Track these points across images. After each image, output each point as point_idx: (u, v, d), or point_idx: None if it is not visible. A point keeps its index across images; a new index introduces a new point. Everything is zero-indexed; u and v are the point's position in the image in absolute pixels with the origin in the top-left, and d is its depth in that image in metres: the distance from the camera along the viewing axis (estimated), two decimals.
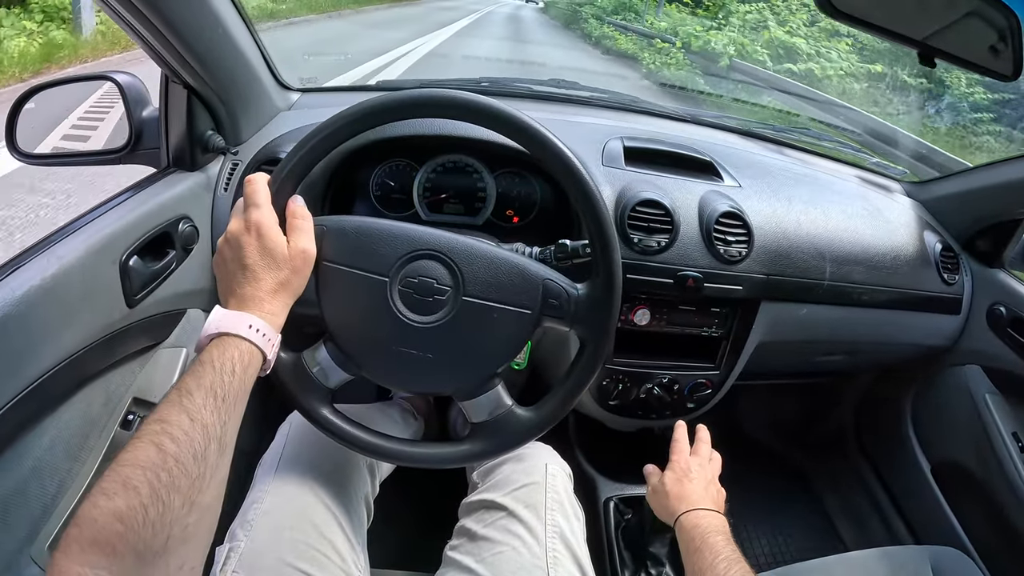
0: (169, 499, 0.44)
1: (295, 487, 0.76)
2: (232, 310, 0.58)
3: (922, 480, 1.32)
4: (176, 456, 0.46)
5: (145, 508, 0.42)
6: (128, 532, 0.41)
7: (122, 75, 0.92)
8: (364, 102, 0.66)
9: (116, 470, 0.44)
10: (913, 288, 1.13)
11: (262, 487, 0.77)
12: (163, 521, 0.43)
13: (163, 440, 0.46)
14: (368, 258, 0.67)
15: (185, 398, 0.50)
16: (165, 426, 0.47)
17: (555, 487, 0.83)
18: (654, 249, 0.94)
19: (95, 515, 0.42)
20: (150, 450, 0.45)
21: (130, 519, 0.42)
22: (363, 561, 0.78)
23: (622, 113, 1.27)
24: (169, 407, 0.49)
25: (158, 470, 0.44)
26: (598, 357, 0.69)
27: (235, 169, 0.96)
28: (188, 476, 0.46)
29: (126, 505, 0.42)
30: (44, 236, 0.74)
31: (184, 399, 0.50)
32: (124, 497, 0.42)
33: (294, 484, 0.76)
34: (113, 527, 0.41)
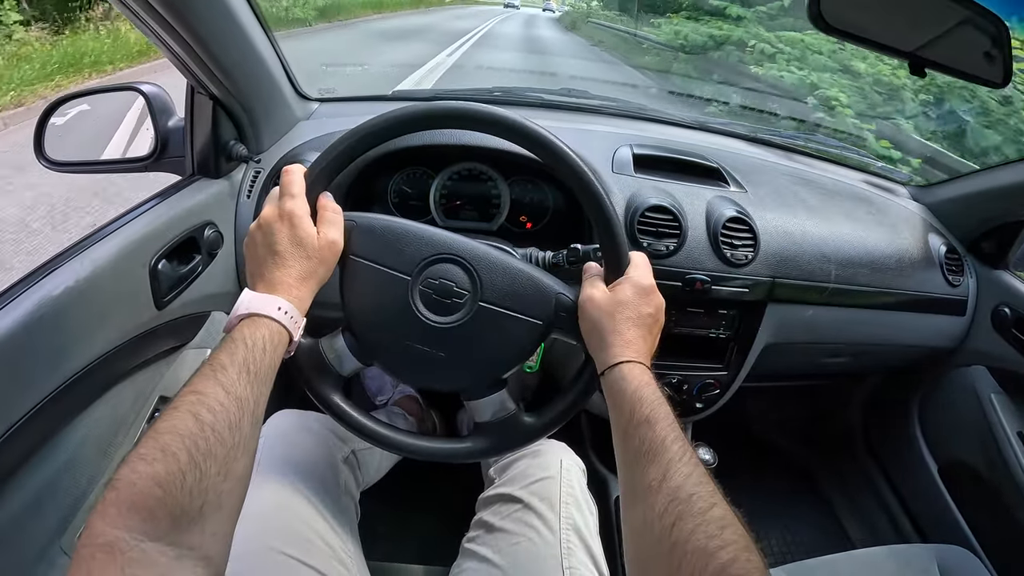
0: (206, 466, 0.45)
1: (277, 483, 0.78)
2: (261, 292, 0.61)
3: (929, 480, 1.33)
4: (212, 426, 0.47)
5: (183, 474, 0.44)
6: (167, 497, 0.42)
7: (147, 86, 0.95)
8: (400, 109, 0.69)
9: (155, 437, 0.45)
10: (918, 290, 1.14)
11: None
12: (200, 488, 0.44)
13: (200, 410, 0.47)
14: (393, 256, 0.70)
15: (219, 372, 0.51)
16: (201, 397, 0.49)
17: (570, 482, 0.85)
18: (663, 253, 0.96)
19: (134, 479, 0.42)
20: (188, 419, 0.47)
21: (169, 484, 0.43)
22: (352, 549, 0.79)
23: (631, 121, 1.29)
24: (204, 380, 0.50)
25: (196, 438, 0.46)
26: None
27: (257, 176, 1.00)
28: (224, 445, 0.47)
29: (165, 471, 0.43)
30: (77, 240, 0.77)
31: (219, 373, 0.51)
32: (163, 463, 0.43)
33: (277, 479, 0.78)
34: (152, 492, 0.42)
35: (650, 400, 0.58)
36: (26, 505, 0.68)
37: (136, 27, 0.78)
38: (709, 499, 0.49)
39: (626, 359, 0.62)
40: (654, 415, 0.57)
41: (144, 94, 0.94)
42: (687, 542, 0.47)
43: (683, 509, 0.49)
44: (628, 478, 0.56)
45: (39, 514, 0.70)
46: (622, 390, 0.60)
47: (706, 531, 0.47)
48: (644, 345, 0.65)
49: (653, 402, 0.58)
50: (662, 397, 0.59)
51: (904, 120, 3.48)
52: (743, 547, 0.46)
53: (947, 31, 0.75)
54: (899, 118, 3.57)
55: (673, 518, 0.49)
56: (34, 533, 0.69)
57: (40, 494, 0.70)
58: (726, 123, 1.34)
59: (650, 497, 0.52)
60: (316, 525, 0.75)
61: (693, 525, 0.47)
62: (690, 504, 0.49)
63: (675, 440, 0.55)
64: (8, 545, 0.65)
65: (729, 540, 0.46)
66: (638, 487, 0.54)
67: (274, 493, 0.76)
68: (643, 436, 0.56)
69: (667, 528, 0.48)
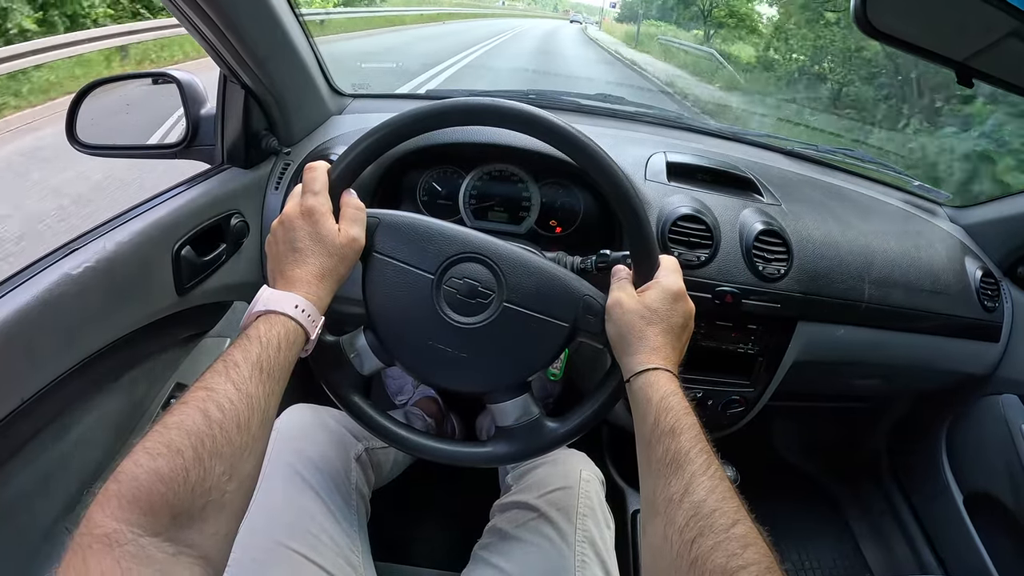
0: (211, 465, 0.44)
1: (288, 476, 0.77)
2: (280, 290, 0.60)
3: (953, 510, 1.29)
4: (221, 424, 0.46)
5: (187, 471, 0.43)
6: (168, 493, 0.42)
7: (182, 73, 0.95)
8: (425, 105, 0.68)
9: (161, 432, 0.44)
10: (952, 314, 1.11)
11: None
12: (203, 486, 0.44)
13: (209, 407, 0.47)
14: (417, 254, 0.68)
15: (232, 369, 0.50)
16: (212, 394, 0.48)
17: (588, 493, 0.83)
18: (694, 264, 0.94)
19: (137, 473, 0.42)
20: (196, 416, 0.46)
21: (172, 481, 0.42)
22: (360, 549, 0.78)
23: (666, 129, 1.27)
24: (216, 376, 0.50)
25: (203, 436, 0.45)
26: None
27: (286, 169, 0.99)
28: (231, 444, 0.46)
29: (169, 467, 0.42)
30: (102, 221, 0.77)
31: (231, 370, 0.50)
32: (168, 459, 0.43)
33: (288, 473, 0.77)
34: (154, 487, 0.41)
35: (676, 410, 0.56)
36: (35, 483, 0.67)
37: (171, 13, 0.78)
38: (733, 515, 0.48)
39: (653, 366, 0.61)
40: (679, 425, 0.55)
41: (177, 81, 0.94)
42: (707, 559, 0.45)
43: (705, 525, 0.47)
44: (649, 489, 0.55)
45: (47, 492, 0.70)
46: (647, 398, 0.59)
47: (727, 549, 0.45)
48: (672, 352, 0.64)
49: (679, 412, 0.56)
50: (688, 407, 0.57)
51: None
52: (765, 568, 0.44)
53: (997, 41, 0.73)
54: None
55: (694, 533, 0.47)
56: (41, 511, 0.69)
57: (49, 472, 0.69)
58: (762, 135, 1.32)
59: (671, 510, 0.50)
60: (325, 522, 0.74)
61: (714, 542, 0.46)
62: (712, 520, 0.47)
63: (700, 452, 0.53)
64: (14, 521, 0.65)
65: (751, 560, 0.44)
66: (659, 499, 0.52)
67: (284, 487, 0.76)
68: (667, 446, 0.54)
69: (687, 543, 0.47)
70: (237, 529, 0.49)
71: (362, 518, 0.83)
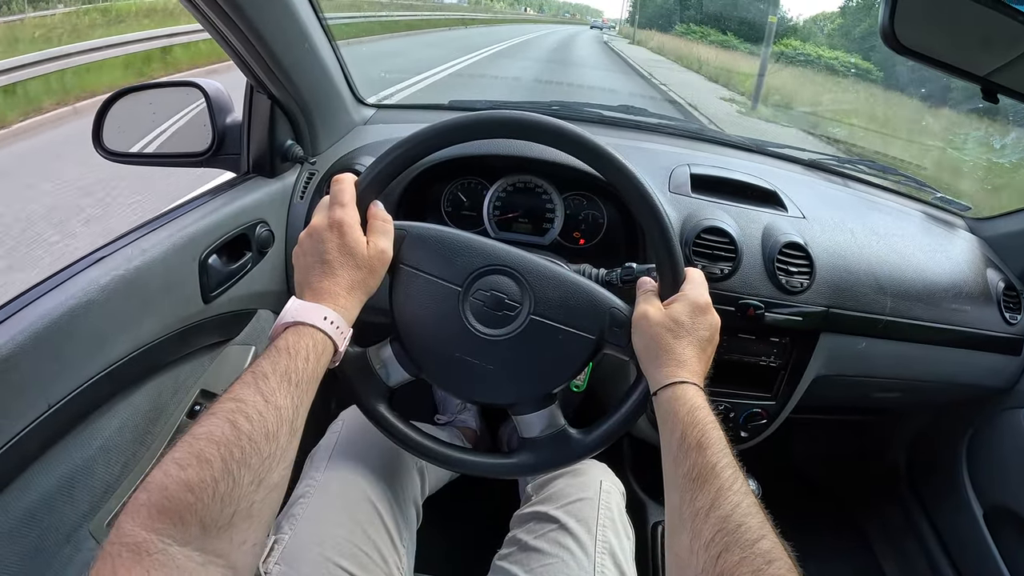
0: (240, 475, 0.45)
1: (343, 485, 0.77)
2: (308, 301, 0.60)
3: (973, 525, 1.28)
4: (249, 434, 0.47)
5: (216, 482, 0.43)
6: (197, 503, 0.42)
7: (208, 82, 0.96)
8: (455, 118, 0.68)
9: (190, 442, 0.45)
10: (974, 327, 1.10)
11: (309, 483, 0.78)
12: (232, 496, 0.44)
13: (238, 418, 0.47)
14: (445, 266, 0.69)
15: (260, 380, 0.51)
16: (240, 405, 0.48)
17: (608, 504, 0.83)
18: (717, 276, 0.94)
19: (166, 483, 0.42)
20: (225, 426, 0.46)
21: (200, 491, 0.42)
22: (406, 564, 0.78)
23: (688, 141, 1.27)
24: (244, 387, 0.50)
25: (231, 446, 0.45)
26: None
27: (311, 178, 1.00)
28: (259, 455, 0.47)
29: (198, 477, 0.43)
30: (130, 228, 0.78)
31: (259, 381, 0.51)
32: (197, 469, 0.43)
33: (342, 482, 0.78)
34: (183, 497, 0.42)
35: (703, 423, 0.56)
36: (58, 486, 0.68)
37: (199, 23, 0.78)
38: (758, 530, 0.48)
39: (680, 379, 0.61)
40: (706, 439, 0.55)
41: (204, 90, 0.95)
42: (733, 574, 0.45)
43: (730, 540, 0.47)
44: (675, 503, 0.54)
45: (71, 497, 0.70)
46: (674, 411, 0.59)
47: (753, 564, 0.45)
48: (699, 365, 0.63)
49: (706, 425, 0.56)
50: (715, 421, 0.57)
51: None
52: None
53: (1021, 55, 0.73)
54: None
55: (719, 548, 0.47)
56: (64, 515, 0.69)
57: (73, 477, 0.70)
58: (783, 146, 1.31)
59: (697, 524, 0.50)
60: (376, 536, 0.75)
61: (740, 557, 0.46)
62: (738, 535, 0.47)
63: (726, 467, 0.53)
64: (37, 525, 0.65)
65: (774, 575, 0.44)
66: (685, 513, 0.52)
67: (337, 498, 0.76)
68: (694, 461, 0.54)
69: (712, 558, 0.47)
70: (264, 539, 0.49)
71: (413, 529, 0.83)
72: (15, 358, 0.57)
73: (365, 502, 0.76)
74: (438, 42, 12.01)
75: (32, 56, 5.79)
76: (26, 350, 0.59)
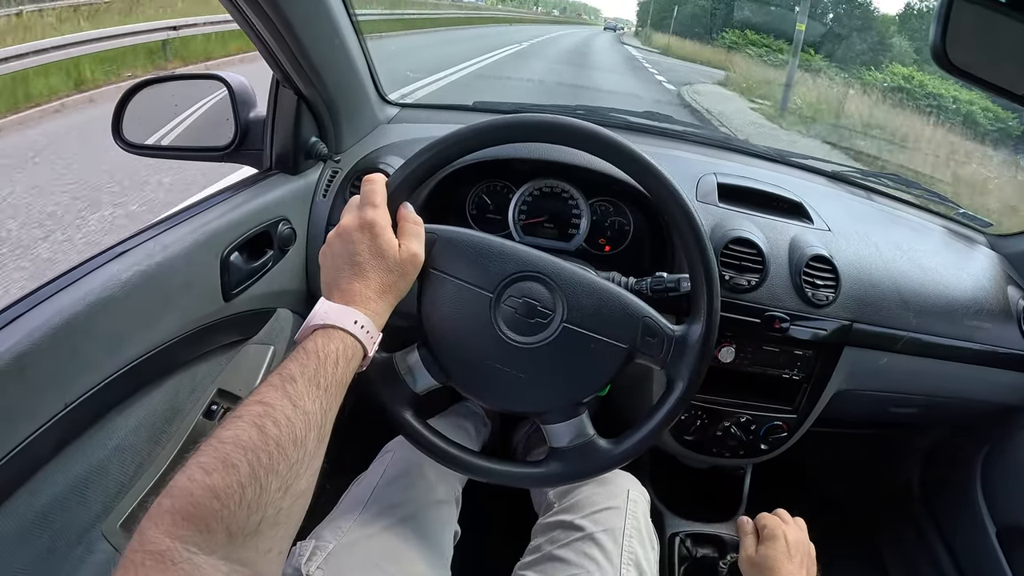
0: (267, 482, 0.43)
1: (387, 518, 0.78)
2: (338, 303, 0.58)
3: (986, 543, 1.26)
4: (277, 440, 0.45)
5: (243, 488, 0.42)
6: (223, 510, 0.41)
7: (231, 75, 0.95)
8: (491, 120, 0.67)
9: (216, 447, 0.43)
10: (994, 344, 1.09)
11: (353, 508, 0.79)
12: (259, 503, 0.43)
13: (266, 423, 0.46)
14: (476, 272, 0.67)
15: (288, 384, 0.50)
16: (268, 409, 0.47)
17: (635, 514, 0.82)
18: (744, 288, 0.93)
19: (192, 488, 0.41)
20: (252, 431, 0.45)
21: (227, 497, 0.41)
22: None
23: (713, 149, 1.26)
24: (272, 391, 0.49)
25: (259, 451, 0.44)
26: (685, 400, 0.68)
27: (334, 177, 0.99)
28: (287, 461, 0.45)
29: (224, 483, 0.42)
30: (151, 223, 0.76)
31: (287, 385, 0.49)
32: (223, 474, 0.42)
33: (386, 516, 0.78)
34: (209, 503, 0.41)
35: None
36: (72, 487, 0.66)
37: (230, 14, 0.77)
38: None
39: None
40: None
41: (228, 84, 0.94)
42: None
43: None
44: None
45: (84, 497, 0.68)
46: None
47: None
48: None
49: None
50: None
51: None
52: None
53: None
54: None
55: None
56: (77, 515, 0.68)
57: (88, 477, 0.68)
58: (807, 157, 1.30)
59: None
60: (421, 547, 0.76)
61: None
62: None
63: None
64: (50, 526, 0.64)
65: None
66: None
67: (383, 533, 0.76)
68: None
69: None
70: (289, 547, 0.48)
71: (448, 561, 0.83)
72: (32, 356, 0.56)
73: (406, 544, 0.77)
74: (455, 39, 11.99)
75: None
76: (43, 348, 0.57)
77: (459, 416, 1.12)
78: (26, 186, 3.86)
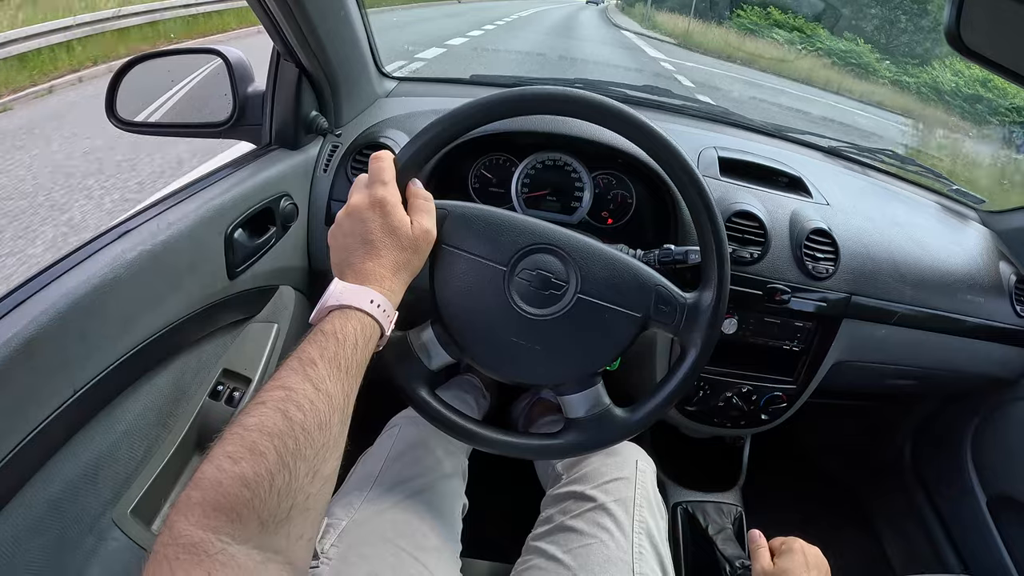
0: (295, 467, 0.43)
1: (400, 489, 0.78)
2: (352, 283, 0.58)
3: (977, 512, 1.30)
4: (303, 424, 0.45)
5: (272, 475, 0.41)
6: (254, 499, 0.40)
7: (229, 50, 0.93)
8: (498, 94, 0.67)
9: (241, 435, 0.43)
10: (987, 318, 1.11)
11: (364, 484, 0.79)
12: (289, 489, 0.42)
13: (289, 408, 0.45)
14: (489, 246, 0.67)
15: (308, 367, 0.49)
16: (291, 393, 0.46)
17: (644, 484, 0.83)
18: (746, 260, 0.94)
19: (220, 478, 0.40)
20: (276, 417, 0.44)
21: (257, 485, 0.40)
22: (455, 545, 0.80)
23: (711, 123, 1.27)
24: (292, 375, 0.48)
25: (285, 438, 0.43)
26: (698, 366, 0.69)
27: (335, 151, 0.98)
28: (313, 445, 0.45)
29: (253, 471, 0.41)
30: (153, 201, 0.75)
31: (308, 368, 0.49)
32: (251, 463, 0.41)
33: (400, 486, 0.78)
34: (239, 492, 0.40)
35: None
36: (82, 474, 0.65)
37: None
38: None
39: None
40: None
41: (225, 58, 0.92)
42: None
43: None
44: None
45: (94, 484, 0.67)
46: None
47: None
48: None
49: None
50: None
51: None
52: None
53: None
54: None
55: None
56: (88, 503, 0.66)
57: (97, 464, 0.67)
58: (804, 132, 1.31)
59: None
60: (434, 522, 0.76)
61: None
62: None
63: None
64: (61, 516, 0.62)
65: None
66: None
67: (397, 497, 0.77)
68: None
69: None
70: (318, 532, 0.48)
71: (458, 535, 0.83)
72: (39, 341, 0.54)
73: (421, 504, 0.77)
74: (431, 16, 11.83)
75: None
76: (50, 332, 0.55)
77: (460, 389, 1.13)
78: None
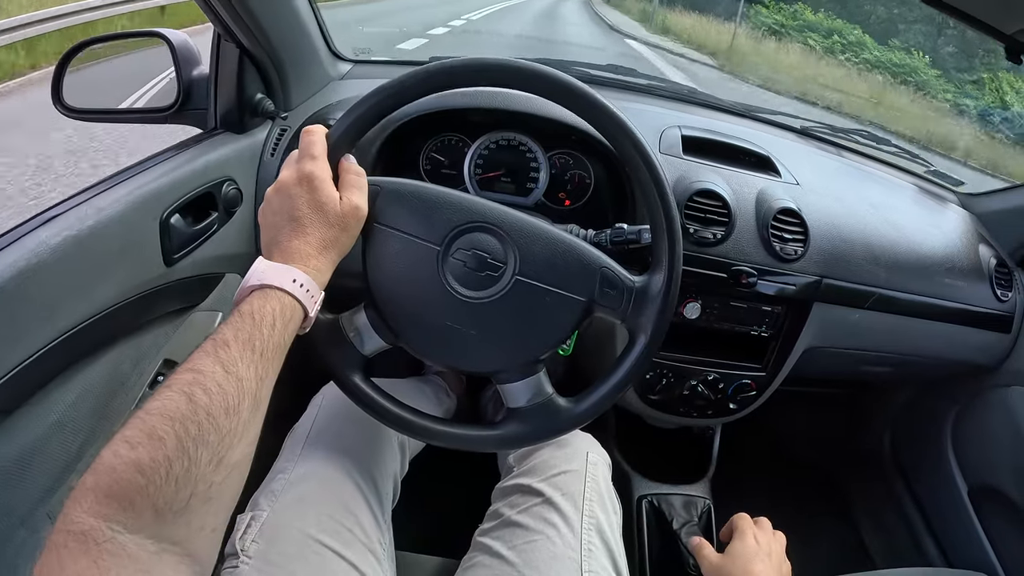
0: (196, 454, 0.41)
1: (323, 461, 0.74)
2: (276, 262, 0.55)
3: (957, 501, 1.27)
4: (207, 408, 0.43)
5: (170, 461, 0.40)
6: (149, 486, 0.39)
7: (173, 33, 0.91)
8: (435, 64, 0.64)
9: (142, 419, 0.41)
10: (967, 303, 1.09)
11: (290, 458, 0.75)
12: (188, 477, 0.40)
13: (195, 391, 0.43)
14: (422, 224, 0.64)
15: (221, 349, 0.47)
16: (198, 376, 0.44)
17: (595, 477, 0.80)
18: (709, 241, 0.91)
19: (115, 464, 0.39)
20: (180, 400, 0.42)
21: (152, 472, 0.39)
22: (388, 539, 0.75)
23: (679, 103, 1.23)
24: (203, 357, 0.46)
25: (187, 422, 0.41)
26: (648, 354, 0.66)
27: (283, 135, 0.95)
28: (218, 431, 0.43)
29: (149, 457, 0.39)
30: (84, 187, 0.72)
31: (220, 350, 0.47)
32: (148, 448, 0.39)
33: (323, 458, 0.74)
34: (133, 479, 0.38)
35: None
36: (10, 467, 0.63)
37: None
38: None
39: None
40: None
41: (168, 40, 0.90)
42: None
43: None
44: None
45: (23, 478, 0.65)
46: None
47: None
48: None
49: None
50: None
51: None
52: None
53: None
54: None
55: None
56: (17, 496, 0.64)
57: (26, 455, 0.65)
58: (775, 113, 1.28)
59: None
60: (357, 510, 0.71)
61: None
62: None
63: None
64: None
65: None
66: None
67: (317, 473, 0.73)
68: None
69: None
70: (226, 523, 0.46)
71: (390, 506, 0.80)
72: None
73: (346, 479, 0.73)
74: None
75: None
76: None
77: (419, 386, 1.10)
78: None
